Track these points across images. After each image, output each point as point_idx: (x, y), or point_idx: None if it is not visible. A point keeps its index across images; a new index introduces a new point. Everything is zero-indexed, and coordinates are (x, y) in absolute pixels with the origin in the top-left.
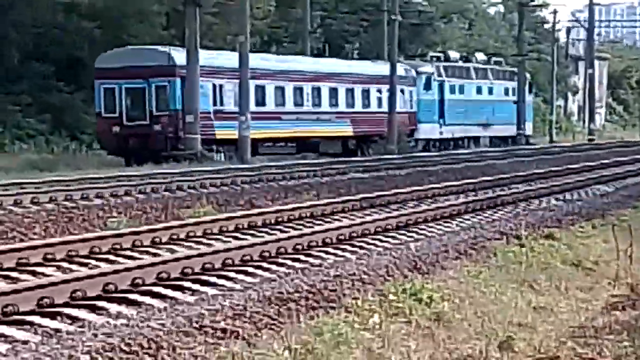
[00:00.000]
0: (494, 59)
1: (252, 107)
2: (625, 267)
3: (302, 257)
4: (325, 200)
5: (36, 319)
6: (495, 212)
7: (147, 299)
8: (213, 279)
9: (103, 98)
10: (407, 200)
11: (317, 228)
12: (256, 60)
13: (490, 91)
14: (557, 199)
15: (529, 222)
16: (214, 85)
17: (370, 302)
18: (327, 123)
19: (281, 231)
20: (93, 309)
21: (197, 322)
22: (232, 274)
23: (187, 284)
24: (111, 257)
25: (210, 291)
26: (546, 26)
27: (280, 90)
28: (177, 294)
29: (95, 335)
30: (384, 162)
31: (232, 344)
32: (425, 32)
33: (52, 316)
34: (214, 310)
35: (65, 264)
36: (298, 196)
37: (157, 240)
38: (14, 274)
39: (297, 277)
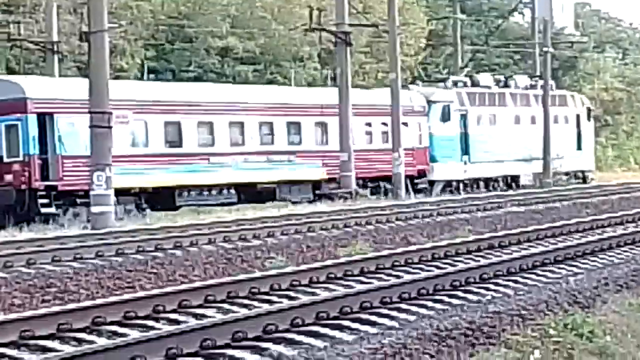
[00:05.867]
0: (541, 82)
1: (164, 147)
2: None
3: (460, 294)
4: (480, 236)
5: None
6: None
7: (306, 339)
8: (372, 317)
9: None
10: (563, 233)
11: (473, 264)
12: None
13: (534, 120)
14: None
15: None
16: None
17: (530, 337)
18: (283, 164)
19: (438, 267)
20: (254, 349)
21: None
22: (390, 312)
23: (345, 323)
24: (270, 297)
25: (369, 329)
26: None
27: (209, 127)
28: (336, 333)
29: None
30: (535, 197)
31: None
32: (579, 63)
33: (215, 358)
34: (373, 349)
35: (225, 305)
36: (454, 232)
37: (315, 279)
38: (174, 316)
39: (456, 314)
